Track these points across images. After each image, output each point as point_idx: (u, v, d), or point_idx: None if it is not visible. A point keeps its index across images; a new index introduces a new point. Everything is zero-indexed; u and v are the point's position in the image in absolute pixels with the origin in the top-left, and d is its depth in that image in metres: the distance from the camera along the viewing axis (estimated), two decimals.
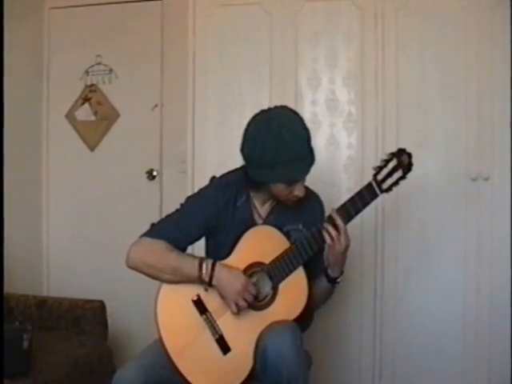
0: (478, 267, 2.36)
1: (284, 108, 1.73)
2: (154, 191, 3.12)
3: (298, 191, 1.68)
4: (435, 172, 2.41)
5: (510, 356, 2.22)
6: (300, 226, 1.77)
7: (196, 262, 1.65)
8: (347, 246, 1.67)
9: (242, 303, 1.64)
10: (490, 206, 2.35)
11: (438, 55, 2.40)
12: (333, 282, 1.74)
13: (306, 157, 1.66)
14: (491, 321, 2.34)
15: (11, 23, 2.42)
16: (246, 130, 1.70)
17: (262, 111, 1.72)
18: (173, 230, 1.71)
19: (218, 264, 1.66)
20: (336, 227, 1.64)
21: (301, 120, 1.68)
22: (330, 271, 1.73)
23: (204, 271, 1.64)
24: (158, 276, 1.69)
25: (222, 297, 1.66)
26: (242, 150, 1.70)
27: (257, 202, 1.78)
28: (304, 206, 1.77)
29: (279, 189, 1.68)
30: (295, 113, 1.71)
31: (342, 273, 1.75)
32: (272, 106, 1.76)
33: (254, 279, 1.69)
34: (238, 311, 1.65)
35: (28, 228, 3.13)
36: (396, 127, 2.42)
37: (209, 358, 1.66)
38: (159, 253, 1.68)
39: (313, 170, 1.70)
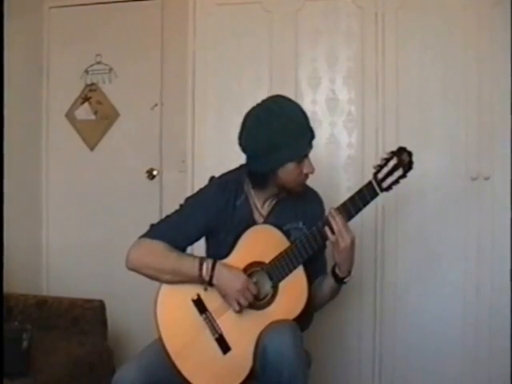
0: (478, 267, 2.36)
1: (276, 95, 1.76)
2: (153, 191, 3.11)
3: (308, 168, 1.68)
4: (435, 171, 2.40)
5: (510, 357, 2.21)
6: (300, 224, 1.76)
7: (196, 262, 1.65)
8: (352, 243, 1.63)
9: (244, 301, 1.63)
10: (491, 206, 2.35)
11: (438, 54, 2.40)
12: (340, 281, 1.71)
13: (309, 130, 1.68)
14: (491, 321, 2.34)
15: (11, 22, 2.42)
16: (244, 126, 1.70)
17: (254, 107, 1.72)
18: (172, 232, 1.71)
19: (218, 263, 1.65)
20: (336, 223, 1.62)
21: (294, 101, 1.73)
22: (337, 270, 1.69)
23: (204, 271, 1.64)
24: (157, 277, 1.69)
25: (223, 296, 1.66)
26: (245, 147, 1.70)
27: (257, 201, 1.77)
28: (303, 203, 1.77)
29: (289, 171, 1.66)
30: (286, 96, 1.74)
31: (349, 273, 1.70)
32: None
33: (253, 279, 1.68)
34: (240, 310, 1.65)
35: (28, 227, 3.13)
36: (396, 126, 2.42)
37: (209, 358, 1.65)
38: (159, 253, 1.68)
39: None
